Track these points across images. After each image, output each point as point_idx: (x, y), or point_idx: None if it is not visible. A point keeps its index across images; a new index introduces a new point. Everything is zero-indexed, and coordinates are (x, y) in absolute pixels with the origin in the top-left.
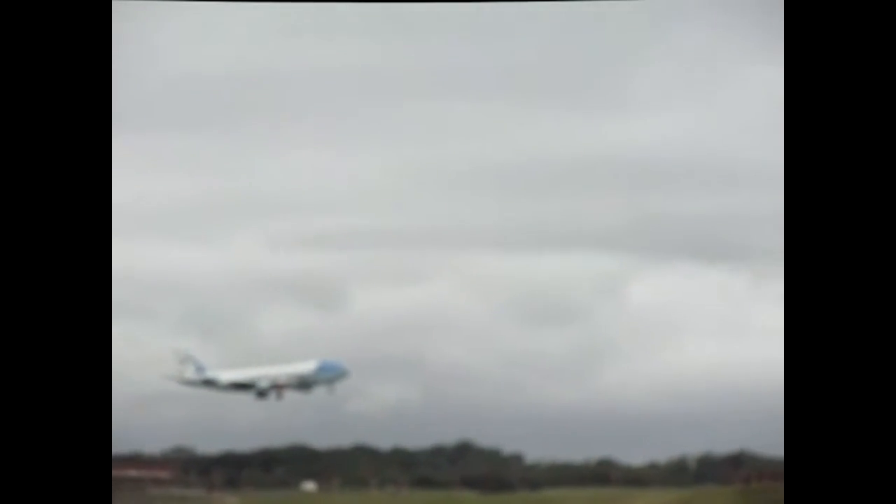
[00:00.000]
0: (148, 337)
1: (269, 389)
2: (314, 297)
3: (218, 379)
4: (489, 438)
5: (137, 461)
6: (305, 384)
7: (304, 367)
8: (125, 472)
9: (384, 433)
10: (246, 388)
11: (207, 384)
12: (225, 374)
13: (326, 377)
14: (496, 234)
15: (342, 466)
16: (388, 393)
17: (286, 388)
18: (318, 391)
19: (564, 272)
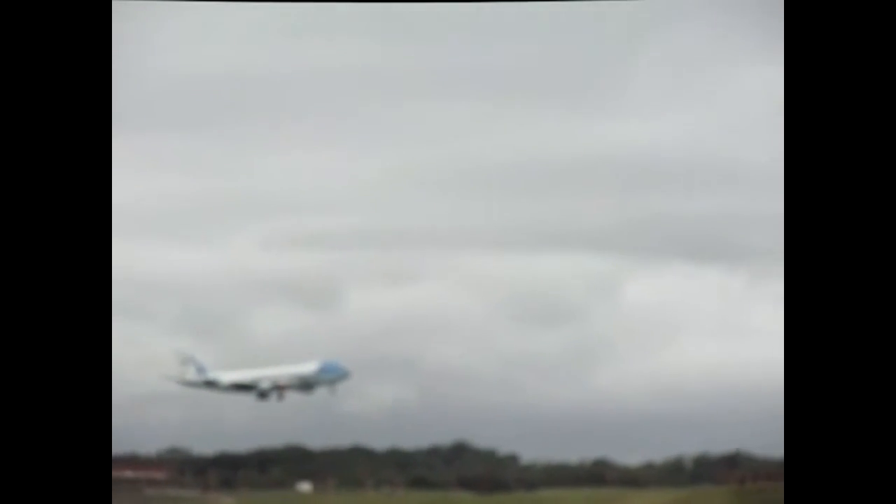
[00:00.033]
0: (144, 337)
1: (270, 390)
2: (310, 297)
3: (219, 380)
4: (485, 439)
5: (133, 462)
6: (307, 385)
7: (305, 367)
8: (121, 472)
9: (380, 433)
10: (247, 389)
11: (209, 385)
12: (226, 375)
13: (328, 378)
14: (493, 234)
15: (338, 467)
16: (383, 393)
17: (287, 389)
18: (319, 392)
19: (561, 272)
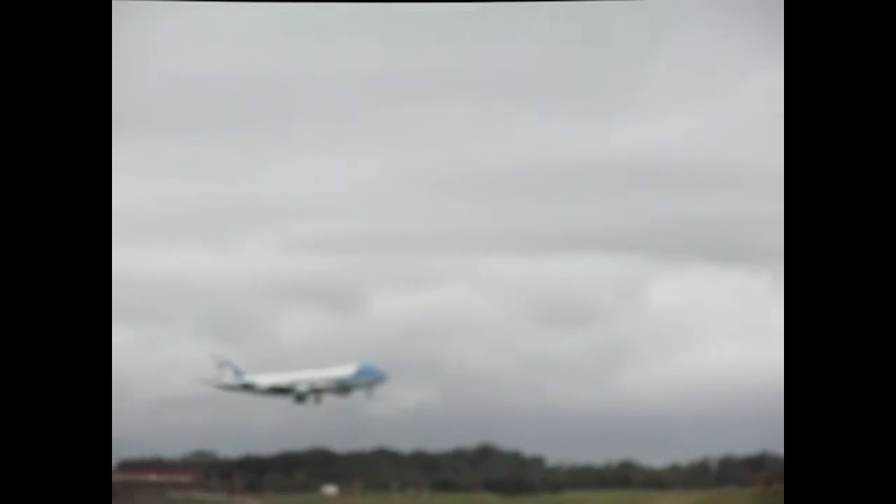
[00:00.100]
0: (167, 341)
1: (307, 393)
2: (333, 301)
3: (256, 383)
4: (510, 441)
5: (158, 465)
6: (344, 388)
7: (342, 371)
8: (146, 476)
9: (405, 436)
10: (284, 392)
11: (246, 389)
12: (263, 378)
13: (365, 381)
14: (515, 237)
15: (363, 470)
16: (408, 396)
17: (325, 392)
18: (356, 395)
19: (584, 275)
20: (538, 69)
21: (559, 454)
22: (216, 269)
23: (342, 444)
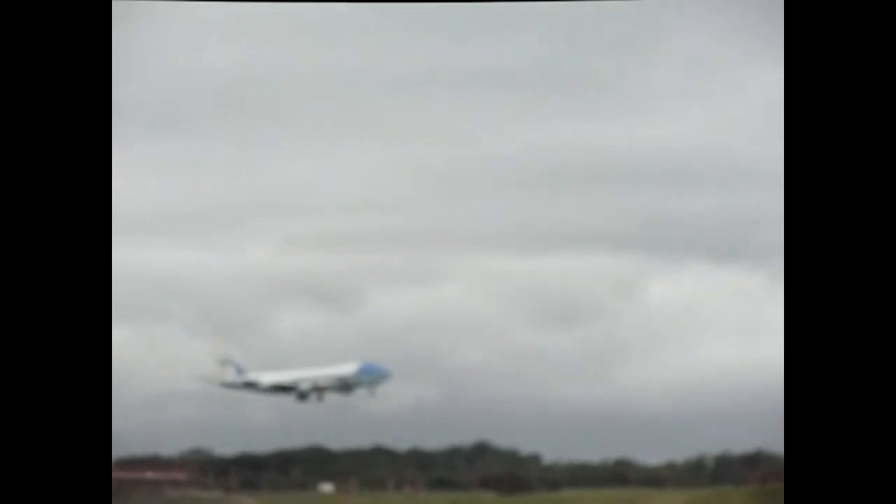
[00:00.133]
0: (164, 339)
1: (310, 391)
2: (329, 298)
3: (259, 381)
4: (506, 439)
5: (155, 463)
6: (346, 386)
7: (345, 369)
8: (142, 474)
9: (401, 434)
10: (287, 390)
11: (248, 387)
12: (266, 376)
13: (368, 379)
14: (513, 234)
15: (359, 468)
16: (404, 394)
17: (327, 390)
18: (359, 393)
19: (581, 272)
20: (536, 67)
21: (556, 452)
22: (213, 266)
23: (338, 441)
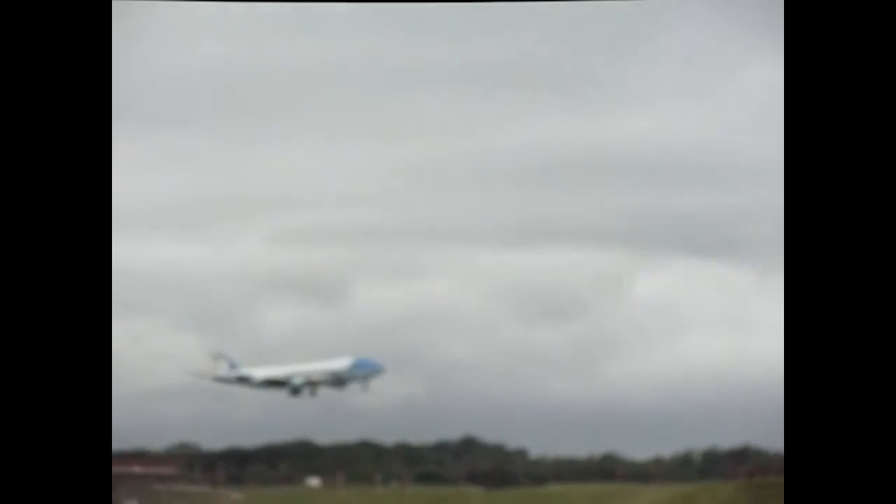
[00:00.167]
0: (151, 334)
1: (303, 386)
2: (317, 293)
3: (252, 376)
4: (493, 434)
5: (142, 458)
6: (340, 381)
7: (338, 363)
8: (130, 468)
9: (388, 429)
10: (280, 384)
11: (241, 381)
12: (259, 371)
13: (361, 374)
14: (500, 230)
15: (346, 462)
16: (391, 389)
17: (320, 384)
18: (352, 388)
19: (568, 268)
20: (526, 65)
21: (542, 447)
22: (201, 261)
23: (326, 436)
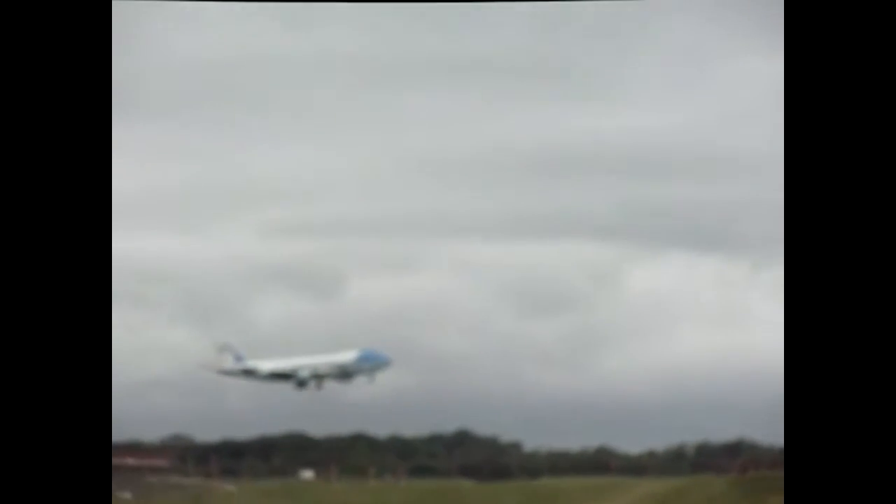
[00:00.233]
0: (145, 325)
1: (309, 379)
2: (310, 285)
3: (258, 369)
4: (487, 427)
5: (135, 449)
6: (346, 374)
7: (344, 356)
8: (123, 460)
9: (382, 421)
10: (286, 377)
11: (247, 374)
12: (264, 363)
13: (367, 366)
14: (494, 222)
15: (340, 455)
16: (385, 381)
17: (326, 377)
18: (358, 381)
19: (562, 261)
20: (521, 56)
21: (536, 440)
22: (194, 253)
23: (319, 429)
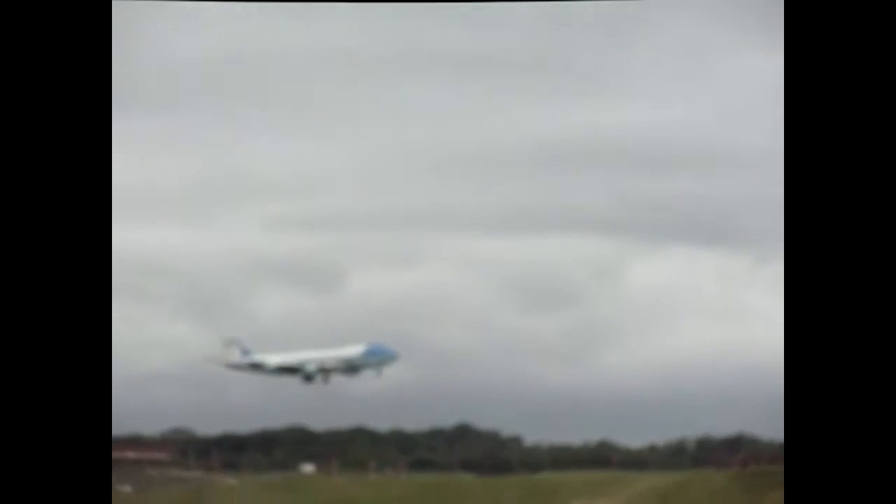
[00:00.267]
0: (146, 319)
1: (316, 373)
2: (312, 279)
3: (265, 362)
4: (488, 421)
5: (136, 443)
6: (353, 368)
7: (351, 350)
8: (124, 453)
9: (383, 415)
10: (293, 371)
11: (254, 368)
12: (272, 357)
13: (375, 361)
14: (495, 216)
15: (341, 448)
16: (386, 375)
17: (333, 371)
18: (365, 375)
19: (564, 255)
20: (522, 51)
21: (537, 434)
22: (195, 247)
23: (320, 422)
